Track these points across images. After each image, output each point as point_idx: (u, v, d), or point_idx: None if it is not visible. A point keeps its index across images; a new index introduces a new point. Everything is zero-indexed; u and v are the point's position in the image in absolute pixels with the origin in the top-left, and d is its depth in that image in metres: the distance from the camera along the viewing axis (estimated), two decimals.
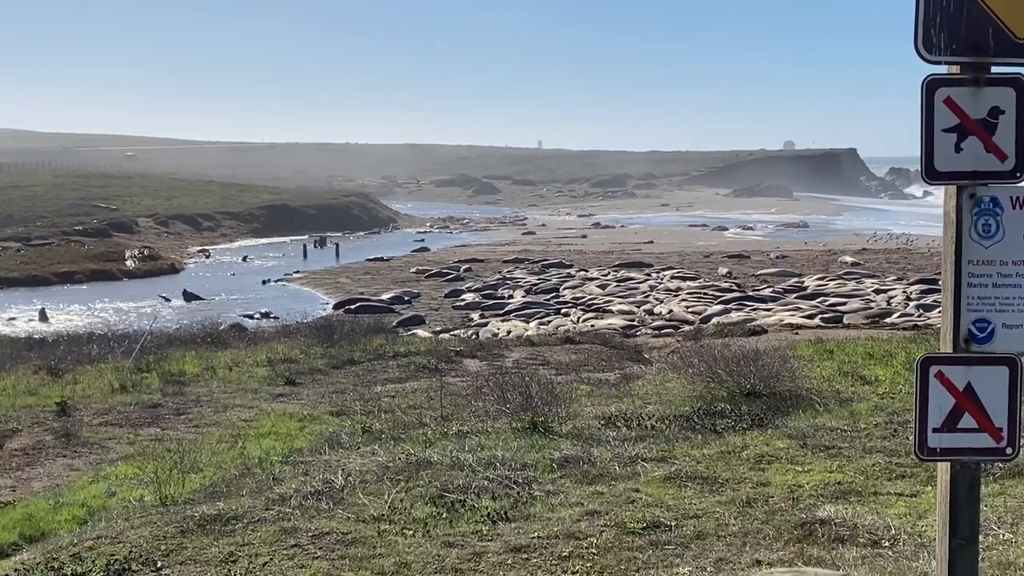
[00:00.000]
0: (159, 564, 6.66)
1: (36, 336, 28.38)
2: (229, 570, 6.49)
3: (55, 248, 59.93)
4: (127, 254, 58.01)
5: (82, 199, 78.07)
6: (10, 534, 8.47)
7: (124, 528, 7.50)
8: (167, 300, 44.73)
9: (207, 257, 63.91)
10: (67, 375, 17.39)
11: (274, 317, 37.92)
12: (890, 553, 6.41)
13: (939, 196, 3.99)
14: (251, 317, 38.19)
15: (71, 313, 41.54)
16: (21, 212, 72.09)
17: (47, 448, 12.25)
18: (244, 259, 61.53)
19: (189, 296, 45.01)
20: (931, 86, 3.75)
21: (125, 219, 71.18)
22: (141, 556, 6.78)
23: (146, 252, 59.41)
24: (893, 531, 6.80)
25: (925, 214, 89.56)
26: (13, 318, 39.83)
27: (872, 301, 37.56)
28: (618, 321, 34.37)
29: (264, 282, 50.88)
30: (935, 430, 3.90)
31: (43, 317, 40.13)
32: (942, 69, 3.77)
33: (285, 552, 6.73)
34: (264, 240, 73.30)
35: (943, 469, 3.96)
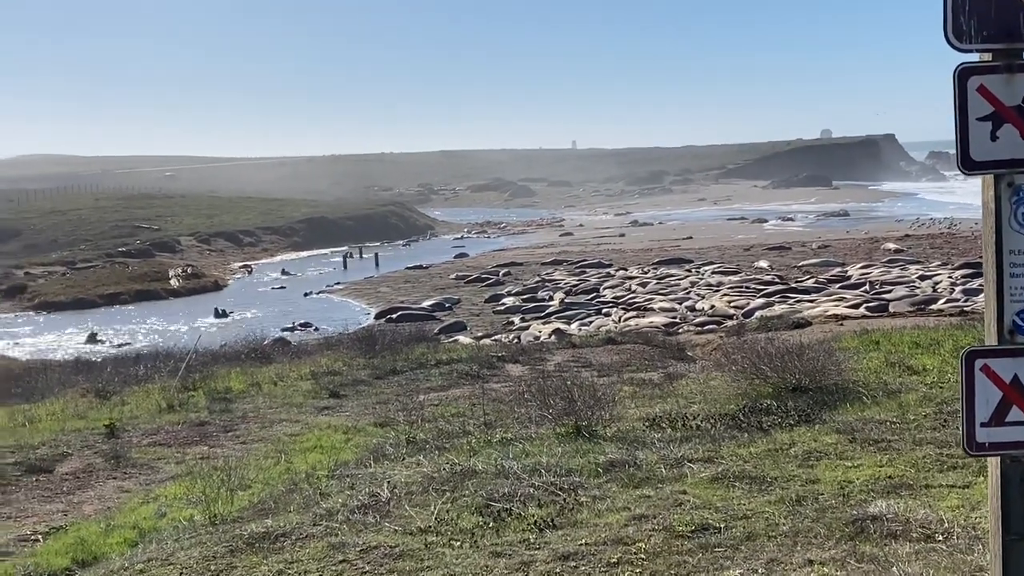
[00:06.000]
0: None
1: (83, 359, 28.73)
2: None
3: (100, 270, 60.73)
4: (171, 273, 58.65)
5: (124, 221, 79.07)
6: (63, 559, 8.54)
7: (174, 549, 7.54)
8: (222, 315, 45.30)
9: (249, 272, 64.49)
10: (115, 397, 17.58)
11: (314, 328, 38.21)
12: (944, 547, 6.31)
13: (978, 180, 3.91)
14: (294, 330, 38.47)
15: (119, 334, 42.04)
16: (65, 236, 73.14)
17: (97, 471, 12.38)
18: (284, 272, 61.96)
19: (222, 313, 45.64)
20: (963, 75, 3.66)
21: (167, 239, 72.01)
22: None
23: (189, 270, 60.04)
24: (946, 524, 6.69)
25: (967, 198, 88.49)
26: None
27: (917, 288, 37.17)
28: (660, 319, 34.28)
29: (306, 295, 51.25)
30: (983, 424, 3.82)
31: (92, 339, 40.64)
32: (973, 57, 3.69)
33: (333, 568, 6.73)
34: (304, 253, 73.87)
35: (993, 464, 3.87)
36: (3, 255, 67.10)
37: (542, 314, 38.56)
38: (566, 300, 41.53)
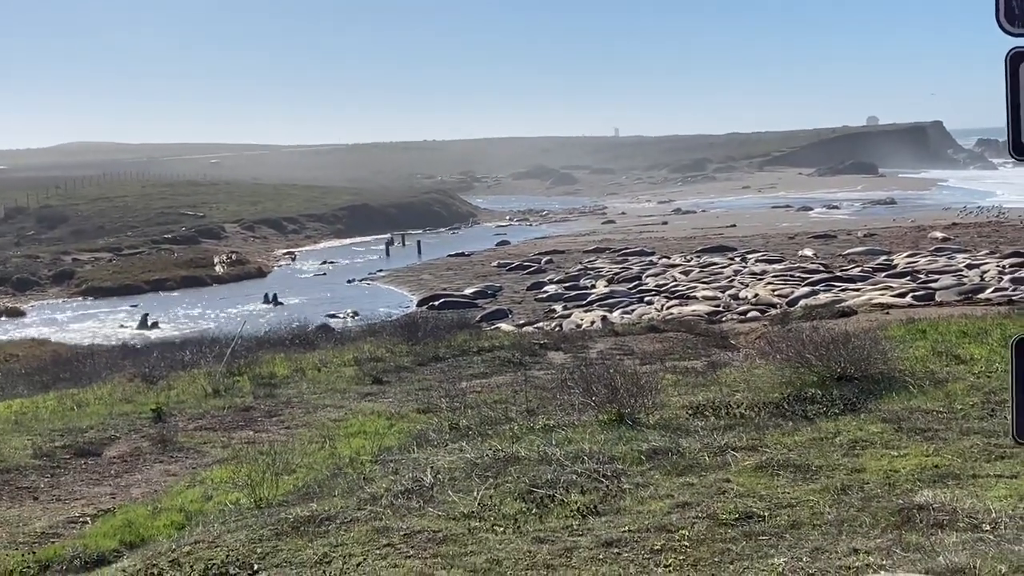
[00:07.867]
0: (255, 567, 6.77)
1: (130, 344, 29.10)
2: (324, 571, 6.57)
3: (146, 257, 61.39)
4: (215, 260, 59.14)
5: (170, 207, 79.83)
6: (111, 541, 8.67)
7: (221, 532, 7.63)
8: (271, 301, 45.53)
9: (293, 259, 64.90)
10: (161, 382, 17.77)
11: (354, 315, 38.41)
12: (991, 537, 6.25)
13: None
14: (337, 317, 38.69)
15: (165, 319, 42.53)
16: (112, 223, 73.98)
17: (144, 454, 12.54)
18: (325, 261, 62.27)
19: (271, 299, 45.82)
20: (1015, 59, 3.63)
21: (212, 225, 72.61)
22: (238, 560, 6.89)
23: (234, 257, 60.51)
24: (994, 514, 6.63)
25: (1016, 189, 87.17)
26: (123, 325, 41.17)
27: (964, 277, 36.70)
28: (703, 307, 34.12)
29: (349, 282, 51.50)
30: None
31: (144, 324, 41.10)
32: None
33: (378, 552, 6.79)
34: (347, 240, 74.23)
35: None
36: (51, 241, 68.10)
37: (584, 302, 38.51)
38: (608, 288, 41.42)
